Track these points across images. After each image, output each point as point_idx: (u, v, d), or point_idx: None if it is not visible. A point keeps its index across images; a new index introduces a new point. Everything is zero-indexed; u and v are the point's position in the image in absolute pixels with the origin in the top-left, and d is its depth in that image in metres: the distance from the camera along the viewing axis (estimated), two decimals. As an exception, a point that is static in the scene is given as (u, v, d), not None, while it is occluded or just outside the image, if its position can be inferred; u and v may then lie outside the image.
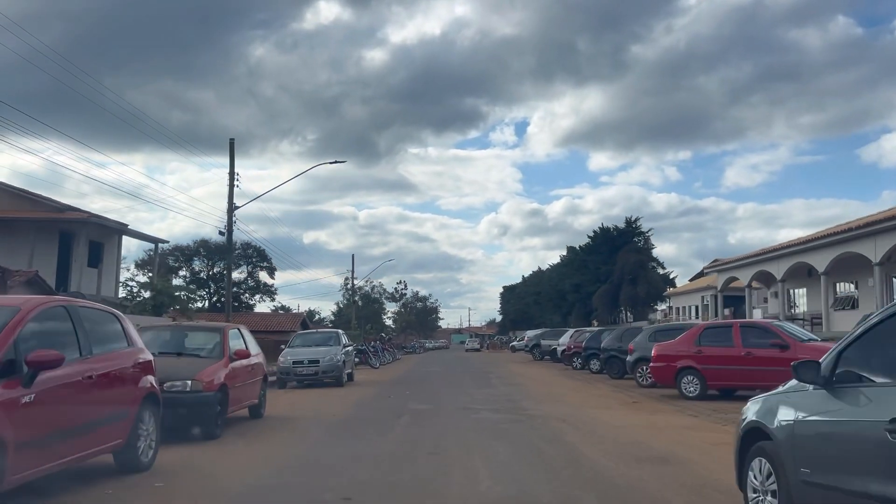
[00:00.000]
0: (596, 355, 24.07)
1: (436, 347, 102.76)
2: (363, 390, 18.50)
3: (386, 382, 21.70)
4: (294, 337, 21.00)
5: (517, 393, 17.26)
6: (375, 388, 19.50)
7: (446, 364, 37.07)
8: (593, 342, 24.49)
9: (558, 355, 31.20)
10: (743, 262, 35.23)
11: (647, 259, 76.75)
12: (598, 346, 24.18)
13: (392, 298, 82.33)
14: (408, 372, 28.31)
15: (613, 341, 21.42)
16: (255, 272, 67.82)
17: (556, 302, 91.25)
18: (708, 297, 58.07)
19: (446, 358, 50.05)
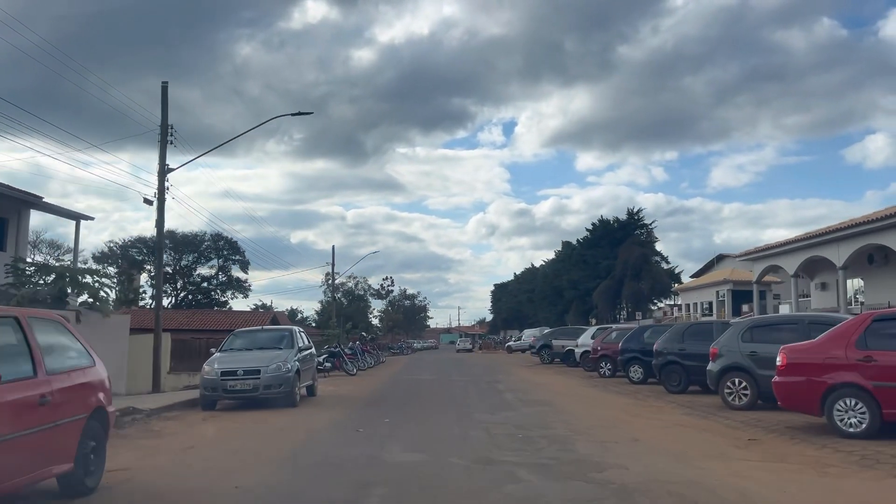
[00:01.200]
0: (637, 360, 18.25)
1: (425, 348, 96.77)
2: (322, 415, 12.49)
3: (360, 399, 15.72)
4: (229, 337, 14.92)
5: (554, 420, 11.29)
6: (342, 409, 13.54)
7: (439, 368, 31.12)
8: (633, 343, 18.63)
9: (576, 359, 25.37)
10: (788, 247, 29.47)
11: (650, 253, 71.35)
12: (639, 347, 18.37)
13: (378, 296, 76.24)
14: (392, 381, 22.33)
15: (671, 342, 15.50)
16: (228, 266, 61.56)
17: (552, 299, 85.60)
18: (724, 291, 52.46)
19: (437, 360, 44.05)
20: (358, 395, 16.98)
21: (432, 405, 14.01)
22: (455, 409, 13.24)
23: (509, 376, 23.36)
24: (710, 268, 72.28)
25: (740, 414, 11.46)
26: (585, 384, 19.32)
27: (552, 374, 23.93)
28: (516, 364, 33.31)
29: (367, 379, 23.10)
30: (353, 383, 21.03)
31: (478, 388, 18.22)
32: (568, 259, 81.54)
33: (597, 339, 22.14)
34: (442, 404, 14.12)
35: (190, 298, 60.45)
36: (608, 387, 18.16)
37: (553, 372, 25.28)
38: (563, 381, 20.59)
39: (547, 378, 22.26)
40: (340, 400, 15.68)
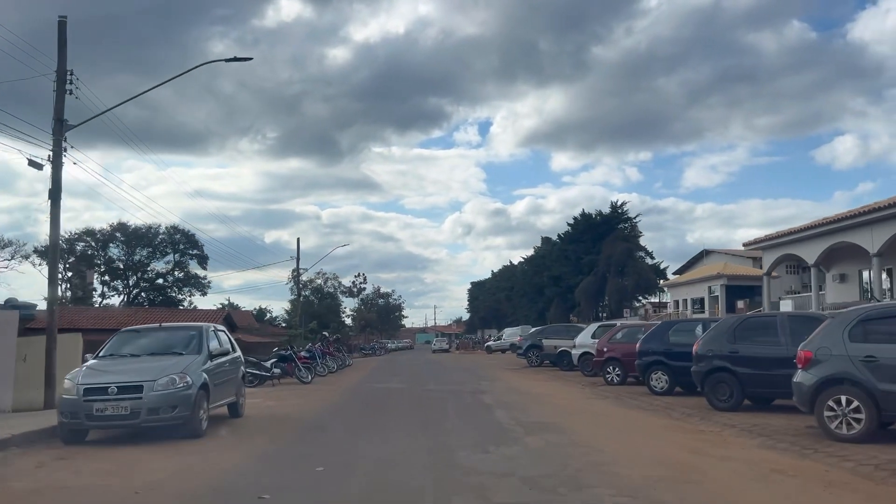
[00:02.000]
0: (660, 365, 14.29)
1: (399, 348, 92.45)
2: (229, 456, 8.22)
3: (299, 421, 11.50)
4: (112, 338, 10.59)
5: (581, 464, 7.10)
6: (265, 441, 9.31)
7: (412, 372, 26.96)
8: (654, 342, 14.63)
9: (573, 361, 21.43)
10: (808, 233, 25.78)
11: (635, 248, 67.95)
12: (662, 348, 14.42)
13: (349, 293, 71.66)
14: (352, 391, 18.09)
15: (718, 342, 11.43)
16: (185, 262, 56.74)
17: (532, 297, 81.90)
18: (717, 286, 49.02)
19: (412, 362, 39.85)
20: (301, 413, 12.75)
21: (397, 434, 9.84)
22: (429, 440, 9.08)
23: (496, 383, 19.30)
24: (695, 264, 69.27)
25: (859, 449, 7.52)
26: (594, 395, 15.29)
27: (547, 381, 19.89)
28: (500, 366, 29.29)
29: (323, 388, 18.85)
30: (303, 395, 16.77)
31: (459, 403, 14.10)
32: (549, 255, 77.83)
33: (601, 339, 18.14)
34: (410, 432, 9.95)
35: (143, 296, 55.56)
36: (624, 398, 14.16)
37: (546, 377, 21.25)
38: (565, 391, 16.54)
39: (543, 386, 18.19)
40: (272, 423, 11.44)
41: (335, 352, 30.90)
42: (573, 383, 18.66)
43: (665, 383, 14.19)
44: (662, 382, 14.23)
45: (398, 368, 31.00)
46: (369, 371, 28.60)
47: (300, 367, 20.60)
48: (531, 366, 26.73)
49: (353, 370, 29.98)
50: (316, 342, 27.75)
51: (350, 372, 28.27)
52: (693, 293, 52.80)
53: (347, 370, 29.94)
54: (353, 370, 29.94)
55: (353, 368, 31.49)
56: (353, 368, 31.51)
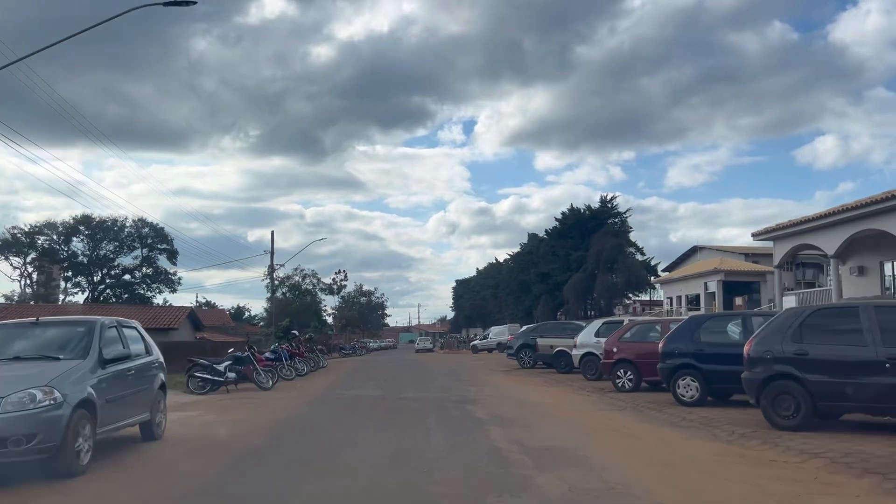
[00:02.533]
0: (690, 369, 11.63)
1: (382, 347, 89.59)
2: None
3: (231, 449, 8.59)
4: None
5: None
6: (166, 485, 6.57)
7: (392, 375, 24.18)
8: (682, 342, 11.94)
9: (574, 363, 18.76)
10: (829, 220, 23.31)
11: (625, 243, 65.64)
12: (692, 349, 11.75)
13: (329, 291, 68.56)
14: (317, 400, 15.19)
15: (779, 341, 8.75)
16: (153, 257, 53.53)
17: (518, 295, 79.38)
18: (713, 283, 46.69)
19: (393, 363, 37.05)
20: (241, 433, 9.92)
21: (357, 470, 7.07)
22: (399, 483, 6.35)
23: (485, 389, 16.56)
24: (685, 260, 67.19)
25: None
26: (607, 405, 12.59)
27: (545, 386, 17.16)
28: (488, 368, 26.58)
29: (283, 396, 16.00)
30: (255, 405, 13.92)
31: (443, 417, 11.33)
32: (536, 251, 75.25)
33: (610, 338, 15.42)
34: (377, 467, 7.18)
35: (109, 293, 52.28)
36: (646, 410, 11.49)
37: (543, 381, 18.54)
38: (570, 400, 13.81)
39: (542, 393, 15.45)
40: (196, 448, 8.62)
41: (307, 352, 28.06)
42: (577, 389, 15.97)
43: (695, 391, 11.53)
44: (692, 390, 11.57)
45: (377, 370, 28.20)
46: (344, 374, 25.77)
47: (259, 371, 17.74)
48: (523, 367, 24.04)
49: (326, 373, 27.14)
50: (283, 342, 24.92)
51: (323, 375, 25.43)
52: (688, 289, 50.43)
53: (321, 373, 27.11)
54: (327, 373, 27.10)
55: (328, 371, 28.64)
56: (327, 371, 28.66)
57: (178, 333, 30.83)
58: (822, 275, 45.88)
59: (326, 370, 28.87)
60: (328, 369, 29.64)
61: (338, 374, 25.17)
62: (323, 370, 28.72)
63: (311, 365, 27.46)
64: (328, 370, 28.88)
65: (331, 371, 28.18)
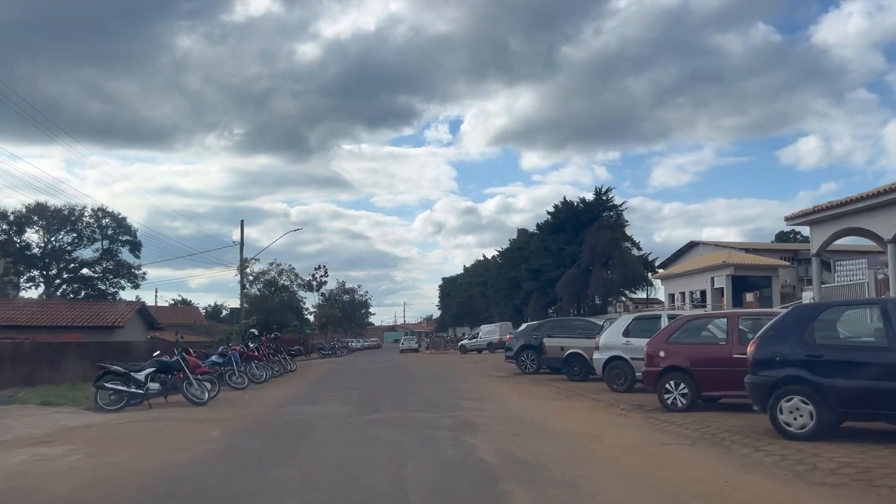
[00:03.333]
0: (801, 384, 7.68)
1: (365, 347, 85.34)
2: None
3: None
4: None
5: None
6: None
7: (368, 383, 20.09)
8: (784, 345, 7.98)
9: (597, 370, 14.69)
10: (883, 199, 19.53)
11: (621, 238, 61.95)
12: (804, 355, 7.80)
13: (308, 287, 64.11)
14: (253, 425, 10.83)
15: None
16: (115, 249, 49.01)
17: (507, 292, 75.42)
18: (721, 277, 43.00)
19: (373, 365, 32.92)
20: (88, 495, 5.88)
21: None
22: None
23: (486, 405, 12.50)
24: (681, 256, 63.84)
25: None
26: (668, 436, 8.56)
27: (563, 401, 13.12)
28: (482, 372, 22.54)
29: (211, 418, 11.77)
30: (160, 434, 9.74)
31: (430, 459, 7.26)
32: (526, 247, 71.30)
33: (655, 339, 11.29)
34: None
35: (66, 288, 47.68)
36: (736, 447, 7.49)
37: (557, 393, 14.50)
38: (608, 425, 9.73)
39: (564, 413, 11.37)
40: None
41: (273, 354, 23.90)
42: (606, 406, 11.96)
43: (809, 418, 7.56)
44: (804, 417, 7.60)
45: (352, 376, 24.06)
46: (311, 381, 21.63)
47: (192, 381, 13.55)
48: (525, 373, 20.02)
49: (293, 378, 22.99)
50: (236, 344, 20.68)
51: (286, 382, 21.28)
52: (692, 285, 46.69)
53: (287, 378, 22.97)
54: (294, 378, 22.95)
55: (296, 376, 24.48)
56: (295, 376, 24.51)
57: (126, 332, 26.57)
58: (826, 272, 42.37)
59: (295, 375, 24.71)
60: (297, 374, 25.47)
61: (304, 382, 21.02)
62: (291, 375, 24.57)
63: (277, 369, 23.33)
64: (296, 375, 24.71)
65: (298, 376, 24.01)
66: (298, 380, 21.84)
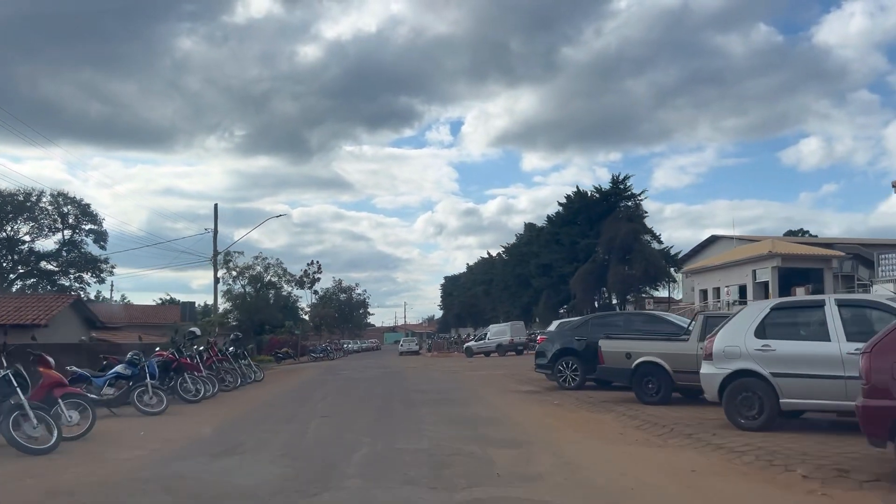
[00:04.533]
0: None
1: (363, 349, 79.49)
2: None
3: None
4: None
5: None
6: None
7: (341, 402, 14.25)
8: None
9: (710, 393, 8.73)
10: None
11: (641, 229, 56.09)
12: None
13: (299, 284, 58.00)
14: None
15: None
16: (78, 239, 43.20)
17: (514, 290, 69.45)
18: (765, 270, 37.17)
19: (360, 374, 27.04)
20: None
21: None
22: None
23: (538, 462, 6.66)
24: (702, 251, 58.15)
25: None
26: None
27: (669, 451, 7.25)
28: (503, 387, 16.67)
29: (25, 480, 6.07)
30: None
31: None
32: (535, 241, 65.39)
33: (881, 347, 5.62)
34: None
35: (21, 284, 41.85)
36: None
37: (639, 429, 8.64)
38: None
39: (693, 482, 5.68)
40: None
41: (223, 362, 18.10)
42: (760, 465, 6.11)
43: None
44: None
45: (329, 390, 18.19)
46: (271, 397, 15.79)
47: (27, 414, 7.75)
48: (564, 387, 14.17)
49: (250, 393, 17.16)
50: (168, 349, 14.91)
51: (235, 399, 15.45)
52: (728, 280, 40.72)
53: (244, 392, 17.19)
54: (251, 393, 17.13)
55: (259, 387, 18.68)
56: (257, 388, 18.72)
57: (52, 332, 20.82)
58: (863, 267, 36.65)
59: (257, 387, 18.91)
60: (263, 384, 19.69)
61: (256, 400, 15.15)
62: (252, 387, 18.80)
63: (230, 381, 17.54)
64: (259, 387, 18.91)
65: (260, 389, 18.18)
66: (253, 396, 16.01)
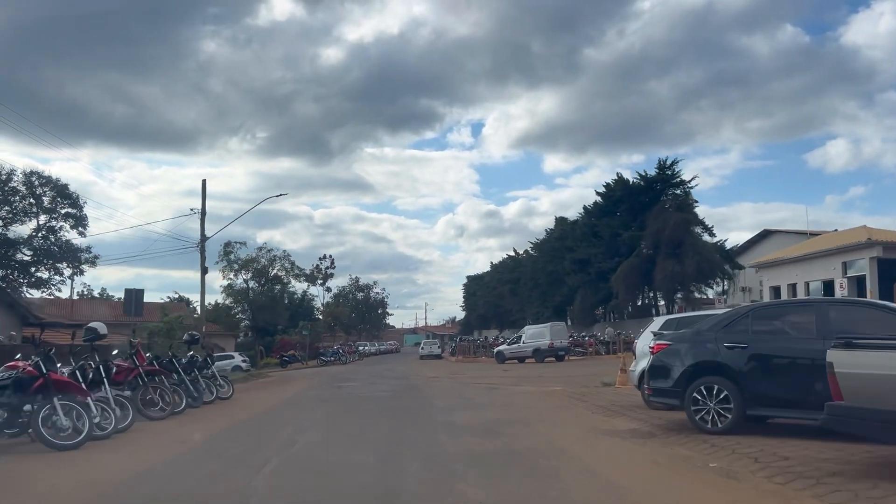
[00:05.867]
0: None
1: (382, 351, 73.51)
2: None
3: None
4: None
5: None
6: None
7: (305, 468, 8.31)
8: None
9: None
10: None
11: (693, 220, 49.38)
12: None
13: (310, 280, 52.35)
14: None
15: None
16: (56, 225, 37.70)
17: (545, 289, 62.85)
18: (861, 261, 30.51)
19: (369, 388, 20.80)
20: None
21: None
22: None
23: None
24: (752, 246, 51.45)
25: None
26: None
27: None
28: (579, 418, 10.48)
29: None
30: None
31: None
32: (570, 235, 58.95)
33: None
34: None
35: None
36: None
37: None
38: None
39: None
40: None
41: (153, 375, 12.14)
42: None
43: None
44: None
45: (316, 416, 12.07)
46: (215, 434, 9.78)
47: None
48: (704, 429, 7.99)
49: (193, 422, 11.16)
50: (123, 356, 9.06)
51: (157, 434, 9.49)
52: (810, 274, 34.05)
53: (183, 420, 11.24)
54: (192, 423, 11.11)
55: (217, 410, 12.74)
56: (216, 410, 12.78)
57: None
58: None
59: (212, 410, 12.94)
60: (224, 405, 13.75)
61: (177, 443, 9.12)
62: (208, 409, 12.85)
63: (171, 401, 11.60)
64: (213, 410, 12.92)
65: (210, 415, 12.12)
66: (180, 435, 9.95)
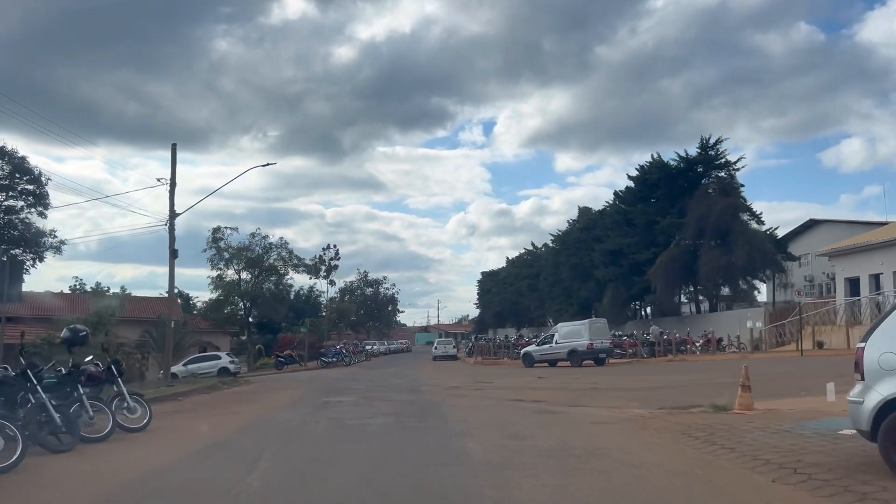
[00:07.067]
0: None
1: (392, 351, 68.30)
2: None
3: None
4: None
5: None
6: None
7: None
8: None
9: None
10: None
11: (741, 206, 43.90)
12: None
13: (312, 272, 47.24)
14: None
15: None
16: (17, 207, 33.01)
17: (569, 284, 57.27)
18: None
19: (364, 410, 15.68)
20: None
21: None
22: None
23: None
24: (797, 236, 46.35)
25: None
26: None
27: None
28: (725, 471, 5.52)
29: None
30: None
31: None
32: (598, 224, 53.56)
33: None
34: None
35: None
36: None
37: None
38: None
39: None
40: None
41: None
42: None
43: None
44: None
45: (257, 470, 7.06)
46: None
47: None
48: None
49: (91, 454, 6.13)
50: None
51: None
52: (894, 262, 28.74)
53: (55, 465, 6.19)
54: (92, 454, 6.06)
55: (106, 454, 7.71)
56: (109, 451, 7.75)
57: None
58: None
59: (99, 453, 7.90)
60: (130, 440, 8.70)
61: None
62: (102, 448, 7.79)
63: (17, 444, 6.53)
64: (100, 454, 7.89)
65: (78, 465, 7.14)
66: None
